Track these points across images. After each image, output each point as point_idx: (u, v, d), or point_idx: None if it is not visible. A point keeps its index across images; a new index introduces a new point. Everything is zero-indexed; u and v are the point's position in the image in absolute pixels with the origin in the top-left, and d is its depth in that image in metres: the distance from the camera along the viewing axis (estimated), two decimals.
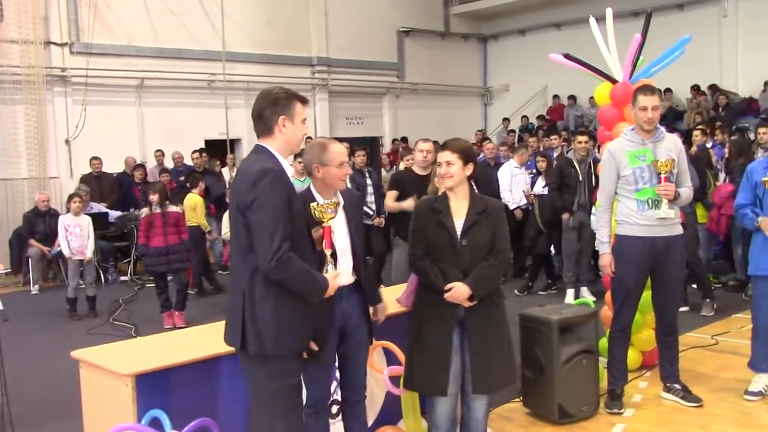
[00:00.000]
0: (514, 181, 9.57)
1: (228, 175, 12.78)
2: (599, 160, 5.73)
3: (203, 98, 14.45)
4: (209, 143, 14.01)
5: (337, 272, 3.34)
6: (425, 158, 6.01)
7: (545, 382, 4.65)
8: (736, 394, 5.07)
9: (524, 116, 18.27)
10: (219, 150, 13.77)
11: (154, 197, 7.93)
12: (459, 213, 3.78)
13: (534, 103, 18.55)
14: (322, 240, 3.35)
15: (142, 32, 13.67)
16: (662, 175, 4.67)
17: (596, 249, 7.47)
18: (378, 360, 4.19)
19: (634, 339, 5.45)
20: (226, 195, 8.98)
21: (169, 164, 12.89)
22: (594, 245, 7.76)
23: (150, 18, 13.75)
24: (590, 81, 6.23)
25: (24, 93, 12.13)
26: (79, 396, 3.76)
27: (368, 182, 9.31)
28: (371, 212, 9.00)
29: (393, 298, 4.40)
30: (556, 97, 17.95)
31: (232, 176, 12.67)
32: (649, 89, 4.79)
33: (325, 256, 3.32)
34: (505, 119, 18.42)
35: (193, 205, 9.57)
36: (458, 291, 3.66)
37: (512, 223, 9.49)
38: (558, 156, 10.24)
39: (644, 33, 5.77)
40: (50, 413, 5.20)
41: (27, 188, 12.13)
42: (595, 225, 7.41)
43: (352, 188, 6.11)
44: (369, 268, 3.96)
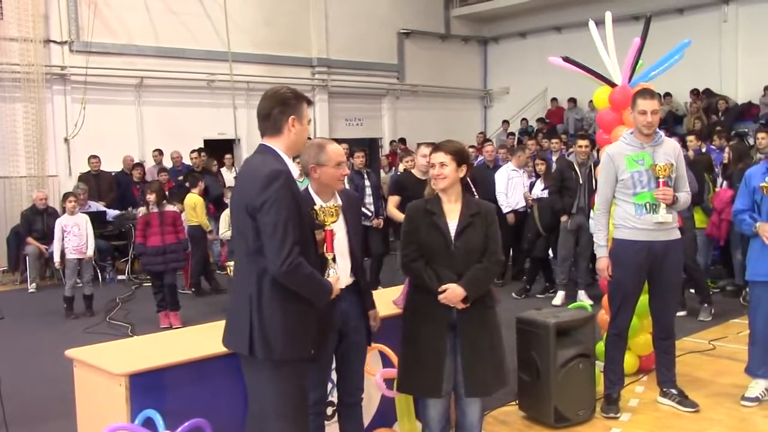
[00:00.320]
0: (511, 184, 9.55)
1: (227, 175, 12.79)
2: (599, 163, 5.72)
3: (203, 98, 14.44)
4: (207, 143, 14.00)
5: (338, 276, 3.33)
6: (428, 162, 5.99)
7: (541, 386, 4.63)
8: (733, 400, 5.06)
9: (524, 119, 18.28)
10: (217, 150, 13.76)
11: (151, 196, 7.91)
12: (452, 215, 3.78)
13: (534, 106, 18.54)
14: (323, 243, 3.33)
15: (142, 31, 13.66)
16: (660, 180, 4.67)
17: (594, 252, 7.51)
18: (372, 363, 4.17)
19: (631, 343, 5.44)
20: (225, 195, 8.98)
21: (168, 164, 12.89)
22: (592, 248, 7.77)
23: (150, 17, 13.74)
24: (590, 84, 6.22)
25: (23, 91, 12.11)
26: (74, 395, 3.75)
27: (367, 183, 9.31)
28: (369, 213, 9.00)
29: (390, 300, 4.39)
30: (554, 101, 17.96)
31: (232, 176, 12.72)
32: (649, 93, 4.78)
33: (327, 260, 3.31)
34: (505, 122, 18.43)
35: (193, 205, 9.57)
36: (453, 293, 3.65)
37: (510, 226, 9.51)
38: (558, 159, 10.24)
39: (644, 37, 5.76)
40: (45, 412, 5.19)
41: (25, 186, 12.11)
42: (593, 228, 7.44)
43: (350, 189, 6.09)
44: (374, 275, 3.92)
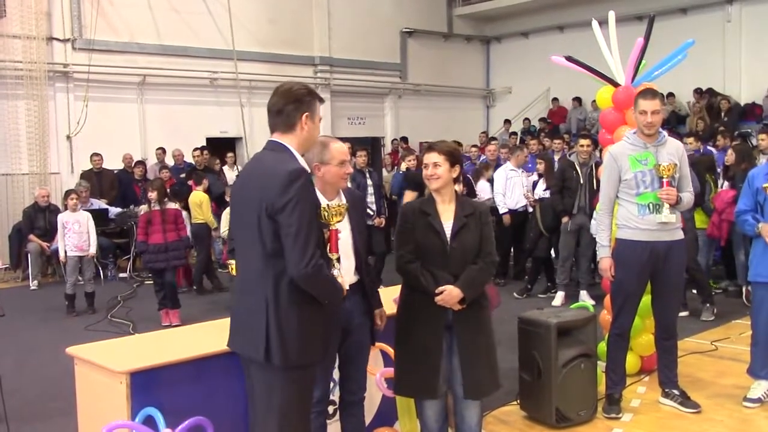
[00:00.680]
0: (509, 184, 9.53)
1: (228, 174, 12.79)
2: (601, 163, 5.71)
3: (205, 96, 14.44)
4: (209, 141, 14.00)
5: (342, 275, 3.28)
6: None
7: (543, 386, 4.62)
8: (735, 401, 5.04)
9: (526, 119, 18.26)
10: (218, 148, 13.76)
11: (153, 194, 7.92)
12: (446, 215, 3.76)
13: (536, 106, 18.53)
14: (327, 243, 3.31)
15: (145, 29, 13.66)
16: (664, 180, 4.66)
17: (596, 252, 7.50)
18: (373, 362, 4.17)
19: (633, 343, 5.43)
20: (227, 193, 8.99)
21: (170, 162, 12.90)
22: (593, 248, 7.76)
23: (153, 15, 13.74)
24: (593, 84, 6.21)
25: (26, 88, 12.12)
26: (75, 393, 3.75)
27: (369, 182, 9.31)
28: (371, 212, 9.00)
29: (391, 299, 4.38)
30: (555, 100, 17.94)
31: (234, 174, 12.71)
32: (650, 93, 4.76)
33: (331, 260, 3.27)
34: (507, 121, 18.40)
35: (199, 202, 9.59)
36: (449, 294, 3.63)
37: (511, 226, 9.50)
38: (560, 159, 10.22)
39: (647, 37, 5.74)
40: (46, 409, 5.19)
41: (27, 183, 12.13)
42: (595, 229, 7.43)
43: (353, 188, 6.09)
44: (371, 271, 3.90)
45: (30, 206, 10.87)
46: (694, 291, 7.76)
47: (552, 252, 9.07)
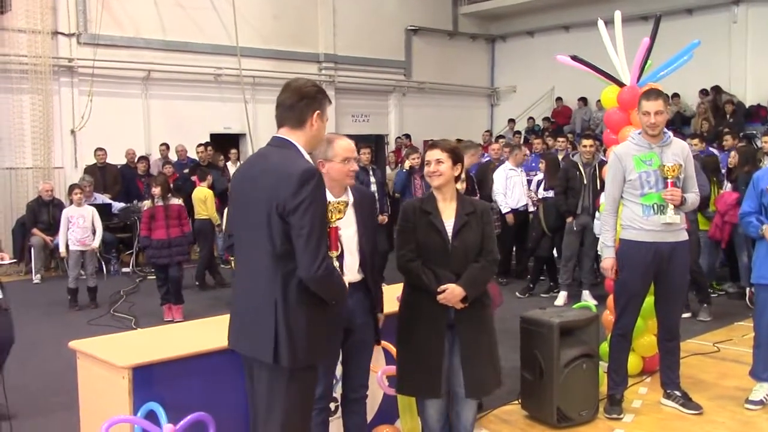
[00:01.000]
0: (509, 184, 9.51)
1: (232, 170, 12.79)
2: (605, 163, 5.70)
3: (209, 92, 14.44)
4: (213, 137, 13.99)
5: (343, 273, 3.29)
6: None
7: (544, 385, 4.62)
8: (737, 403, 5.04)
9: (530, 118, 18.23)
10: (222, 144, 13.76)
11: (157, 190, 7.92)
12: (448, 214, 3.75)
13: (541, 105, 18.50)
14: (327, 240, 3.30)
15: (150, 24, 13.67)
16: (669, 180, 4.65)
17: (599, 253, 7.49)
18: (374, 359, 4.16)
19: (635, 344, 5.42)
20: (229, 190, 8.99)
21: (173, 157, 12.91)
22: (596, 249, 7.75)
23: (158, 10, 13.74)
24: (597, 84, 6.20)
25: (30, 82, 12.11)
26: (77, 387, 3.76)
27: (372, 180, 9.31)
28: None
29: (394, 296, 4.38)
30: (560, 100, 17.89)
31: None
32: (653, 94, 4.74)
33: (330, 258, 3.27)
34: (511, 120, 18.37)
35: (203, 198, 9.59)
36: (452, 293, 3.62)
37: (514, 225, 9.49)
38: (563, 158, 10.21)
39: (653, 37, 5.73)
40: (48, 403, 5.19)
41: (31, 178, 12.14)
42: (598, 229, 7.42)
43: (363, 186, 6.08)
44: (378, 272, 3.85)
45: (34, 200, 10.89)
46: (694, 292, 7.76)
47: (555, 252, 9.06)
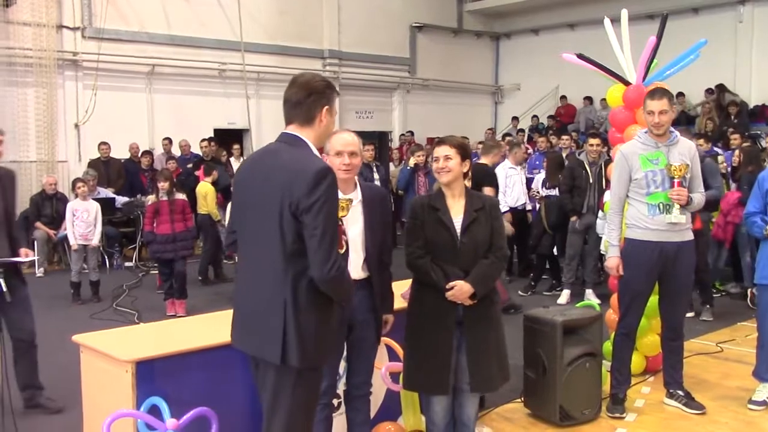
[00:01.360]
0: (509, 182, 9.48)
1: (236, 165, 12.78)
2: (611, 162, 5.68)
3: (214, 87, 14.44)
4: (216, 132, 13.99)
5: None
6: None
7: (547, 384, 4.62)
8: (740, 403, 5.03)
9: (534, 116, 18.21)
10: (225, 139, 13.77)
11: (164, 184, 7.91)
12: (456, 210, 3.75)
13: (545, 103, 18.47)
14: None
15: (155, 19, 13.66)
16: (675, 180, 4.63)
17: (602, 252, 7.47)
18: (378, 356, 4.16)
19: (639, 343, 5.41)
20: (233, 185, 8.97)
21: (177, 152, 12.91)
22: (600, 247, 7.74)
23: (163, 5, 13.74)
24: (602, 82, 6.18)
25: (35, 76, 12.13)
26: (80, 381, 3.76)
27: (375, 176, 9.30)
28: None
29: (398, 293, 4.38)
30: (564, 98, 17.87)
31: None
32: (658, 93, 4.72)
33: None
34: (514, 118, 18.36)
35: (204, 194, 9.58)
36: (460, 290, 3.62)
37: (513, 223, 9.46)
38: (567, 156, 10.19)
39: (659, 35, 5.71)
40: (51, 396, 5.18)
41: (35, 171, 12.15)
42: (601, 228, 7.40)
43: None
44: (388, 273, 3.79)
45: (37, 194, 10.89)
46: (697, 292, 7.74)
47: (555, 250, 9.04)
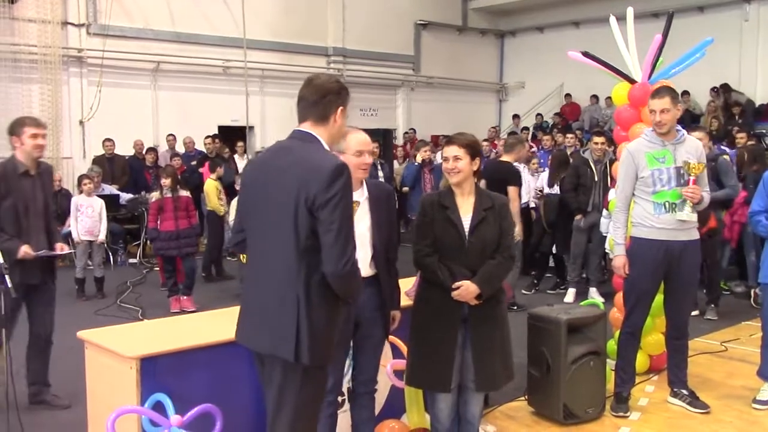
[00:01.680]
0: None
1: (239, 162, 12.80)
2: (615, 160, 5.67)
3: (218, 84, 14.44)
4: (220, 130, 14.00)
5: None
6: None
7: (551, 382, 4.61)
8: (744, 402, 5.03)
9: (539, 114, 18.17)
10: (229, 137, 13.77)
11: (167, 181, 7.93)
12: (466, 209, 3.73)
13: (549, 101, 18.44)
14: None
15: (160, 16, 13.67)
16: (691, 178, 4.62)
17: (606, 250, 7.45)
18: (382, 354, 4.16)
19: (643, 342, 5.39)
20: (236, 182, 8.99)
21: (181, 149, 12.92)
22: (604, 246, 7.72)
23: (167, 2, 13.73)
24: (606, 81, 6.17)
25: (40, 72, 12.13)
26: (84, 377, 3.76)
27: (380, 174, 9.30)
28: None
29: (402, 291, 4.37)
30: (569, 96, 17.83)
31: (244, 163, 12.69)
32: (659, 92, 4.71)
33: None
34: (516, 116, 18.29)
35: (208, 191, 9.59)
36: (466, 290, 3.62)
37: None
38: (571, 154, 10.17)
39: (665, 34, 5.70)
40: (55, 392, 5.19)
41: None
42: (605, 227, 7.39)
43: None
44: (394, 269, 3.77)
45: None
46: (704, 291, 7.73)
47: (554, 248, 9.03)
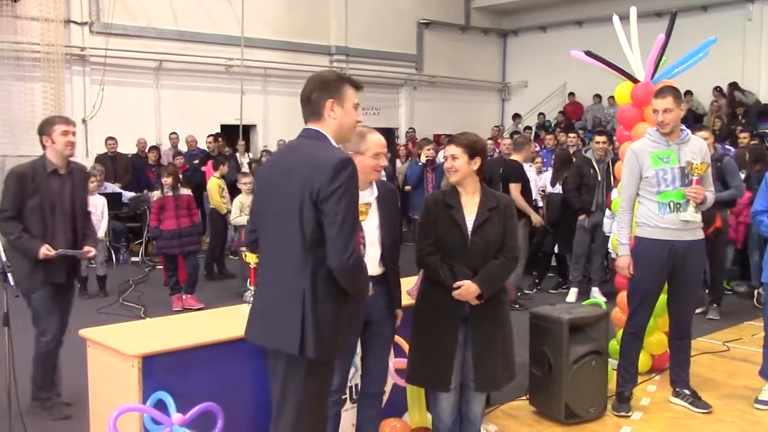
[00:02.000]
0: None
1: (242, 160, 12.81)
2: (618, 160, 5.66)
3: (221, 83, 14.44)
4: (224, 128, 14.01)
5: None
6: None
7: (553, 382, 4.61)
8: (746, 402, 5.02)
9: (541, 113, 18.15)
10: (232, 135, 13.77)
11: (168, 180, 7.93)
12: (470, 209, 3.73)
13: (552, 101, 18.42)
14: None
15: (162, 14, 13.68)
16: (695, 178, 4.62)
17: (609, 251, 7.45)
18: None
19: (645, 342, 5.37)
20: (239, 180, 9.01)
21: (183, 147, 12.93)
22: (607, 246, 7.72)
23: (170, 0, 13.74)
24: (609, 80, 6.15)
25: (42, 71, 12.16)
26: (86, 375, 3.77)
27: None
28: None
29: (404, 290, 4.37)
30: (572, 95, 17.81)
31: (246, 161, 12.72)
32: (662, 91, 4.70)
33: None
34: (517, 116, 18.25)
35: (210, 189, 9.60)
36: (467, 290, 3.61)
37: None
38: (574, 153, 10.17)
39: (668, 33, 5.69)
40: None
41: None
42: (608, 227, 7.38)
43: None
44: (397, 268, 3.77)
45: None
46: (707, 291, 7.72)
47: (555, 248, 9.03)
